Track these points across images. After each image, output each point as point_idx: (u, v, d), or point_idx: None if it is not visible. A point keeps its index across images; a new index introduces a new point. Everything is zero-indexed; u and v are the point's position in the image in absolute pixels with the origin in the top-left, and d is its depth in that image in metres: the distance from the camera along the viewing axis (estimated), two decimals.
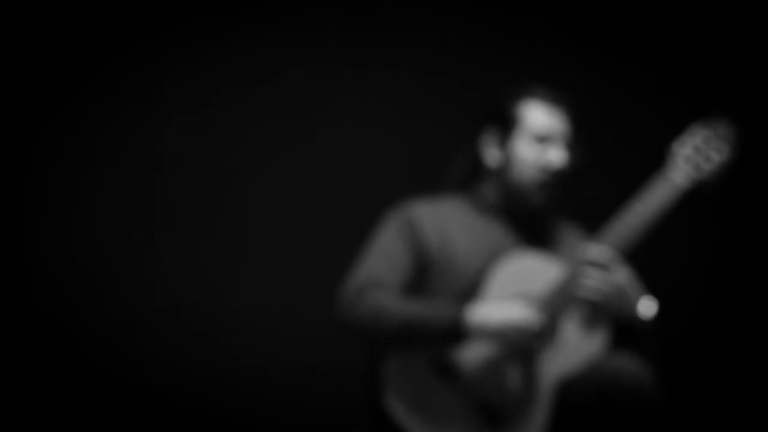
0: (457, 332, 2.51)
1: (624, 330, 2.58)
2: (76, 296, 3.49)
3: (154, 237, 3.54)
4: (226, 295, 3.56)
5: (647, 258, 2.58)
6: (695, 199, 2.56)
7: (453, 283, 2.61)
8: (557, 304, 2.52)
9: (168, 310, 3.52)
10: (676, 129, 2.62)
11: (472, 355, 2.54)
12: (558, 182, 2.64)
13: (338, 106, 3.61)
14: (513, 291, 2.56)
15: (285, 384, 3.53)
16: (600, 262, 2.51)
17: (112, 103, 3.53)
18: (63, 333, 3.47)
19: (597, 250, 2.52)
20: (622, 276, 2.53)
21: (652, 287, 2.64)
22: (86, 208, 3.51)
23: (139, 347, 3.49)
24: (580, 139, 2.67)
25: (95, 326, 3.49)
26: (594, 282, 2.51)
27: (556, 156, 2.62)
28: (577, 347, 2.53)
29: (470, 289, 2.58)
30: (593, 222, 2.66)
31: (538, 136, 2.63)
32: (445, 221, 2.68)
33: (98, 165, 3.52)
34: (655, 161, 2.59)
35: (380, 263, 2.64)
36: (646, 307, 2.58)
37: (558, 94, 2.68)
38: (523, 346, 2.51)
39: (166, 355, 3.51)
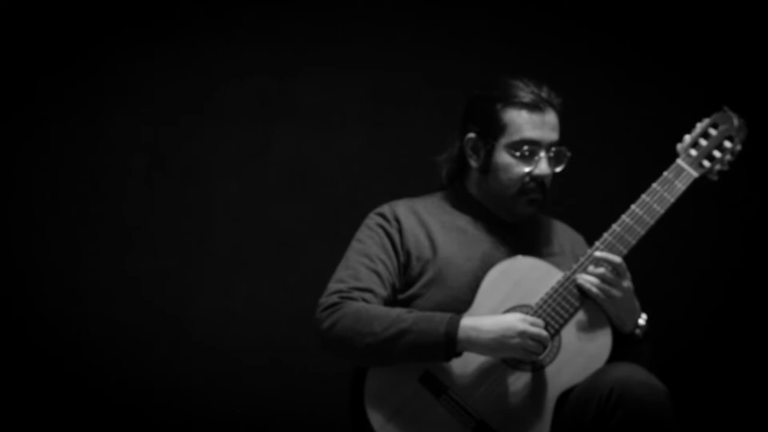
0: (449, 348, 2.35)
1: (622, 338, 2.46)
2: (74, 297, 3.48)
3: (154, 237, 3.53)
4: (225, 295, 3.55)
5: (647, 254, 2.57)
6: (701, 191, 2.54)
7: (442, 290, 2.46)
8: (559, 308, 2.40)
9: (167, 311, 3.51)
10: (676, 129, 2.61)
11: (465, 366, 2.39)
12: (540, 191, 2.51)
13: (337, 106, 3.61)
14: (509, 298, 2.42)
15: (285, 384, 3.53)
16: (613, 262, 2.42)
17: (104, 102, 3.51)
18: (59, 335, 3.46)
19: (607, 249, 2.42)
20: (629, 282, 2.45)
21: (651, 285, 2.64)
22: (80, 208, 3.50)
23: (138, 348, 3.49)
24: (569, 138, 2.57)
25: (95, 327, 3.48)
26: (603, 282, 2.41)
27: (539, 167, 2.49)
28: (580, 355, 2.40)
29: (461, 299, 2.44)
30: (593, 222, 2.66)
31: (521, 146, 2.49)
32: (430, 223, 2.55)
33: (91, 165, 3.51)
34: (655, 161, 2.58)
35: (362, 269, 2.48)
36: (643, 317, 2.50)
37: (545, 94, 2.51)
38: (523, 358, 2.36)
39: (165, 355, 3.51)
